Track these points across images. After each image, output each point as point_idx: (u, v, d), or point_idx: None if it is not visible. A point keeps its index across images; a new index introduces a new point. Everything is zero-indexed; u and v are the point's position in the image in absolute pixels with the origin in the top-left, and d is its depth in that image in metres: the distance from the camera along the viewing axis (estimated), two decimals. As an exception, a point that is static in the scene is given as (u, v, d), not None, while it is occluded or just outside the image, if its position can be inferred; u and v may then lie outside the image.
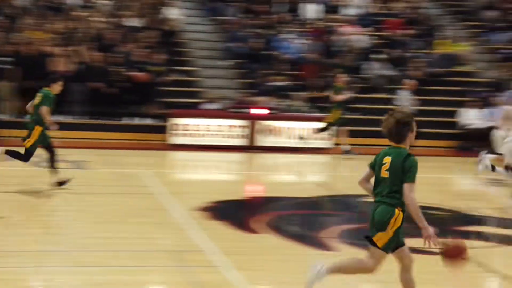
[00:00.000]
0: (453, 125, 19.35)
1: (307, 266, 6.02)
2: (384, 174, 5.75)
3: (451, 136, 19.29)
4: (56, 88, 11.18)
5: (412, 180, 5.58)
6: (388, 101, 19.03)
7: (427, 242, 5.55)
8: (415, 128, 5.77)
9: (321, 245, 8.68)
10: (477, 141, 18.18)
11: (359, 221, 10.24)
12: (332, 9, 22.64)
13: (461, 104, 19.51)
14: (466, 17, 24.06)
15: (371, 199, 5.87)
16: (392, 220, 5.65)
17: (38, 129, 10.89)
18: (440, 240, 5.59)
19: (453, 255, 5.70)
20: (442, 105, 20.05)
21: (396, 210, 5.64)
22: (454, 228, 10.14)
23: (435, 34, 22.37)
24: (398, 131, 5.74)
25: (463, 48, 22.01)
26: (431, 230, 5.53)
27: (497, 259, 8.63)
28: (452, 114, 19.43)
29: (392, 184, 5.68)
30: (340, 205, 11.96)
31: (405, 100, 18.11)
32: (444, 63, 21.13)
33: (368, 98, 19.80)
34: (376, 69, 20.40)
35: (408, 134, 5.74)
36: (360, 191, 6.03)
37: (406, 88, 18.40)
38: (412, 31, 22.04)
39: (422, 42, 21.89)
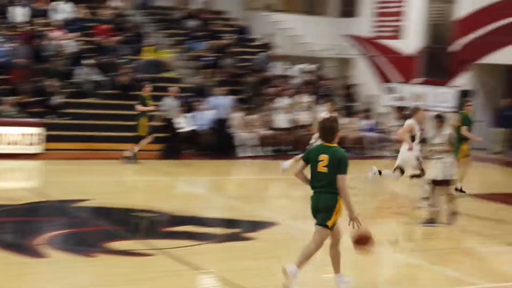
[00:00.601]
0: (161, 128, 19.80)
1: (18, 274, 6.36)
2: (322, 169, 7.40)
3: (160, 139, 19.76)
4: None
5: (345, 172, 7.32)
6: (97, 106, 19.65)
7: (351, 223, 7.25)
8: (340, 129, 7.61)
9: (31, 252, 8.85)
10: (184, 144, 19.40)
11: (69, 226, 10.75)
12: (40, 13, 22.60)
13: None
14: (170, 26, 25.39)
15: (83, 204, 6.52)
16: (338, 204, 7.37)
17: None
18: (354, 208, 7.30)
19: (362, 243, 7.41)
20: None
21: (338, 197, 7.35)
22: (163, 229, 11.02)
23: (142, 41, 23.39)
24: (331, 132, 7.46)
25: (168, 55, 23.29)
26: (356, 213, 7.23)
27: (203, 257, 9.30)
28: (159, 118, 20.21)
29: (330, 177, 7.35)
30: (51, 210, 12.00)
31: (170, 106, 19.02)
32: (150, 69, 22.13)
33: (78, 103, 20.16)
34: (85, 74, 20.80)
35: (337, 134, 7.49)
36: (72, 196, 6.65)
37: (170, 95, 19.17)
38: (120, 38, 22.80)
39: (130, 49, 22.74)
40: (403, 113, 24.53)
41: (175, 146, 19.34)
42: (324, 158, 7.39)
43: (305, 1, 29.79)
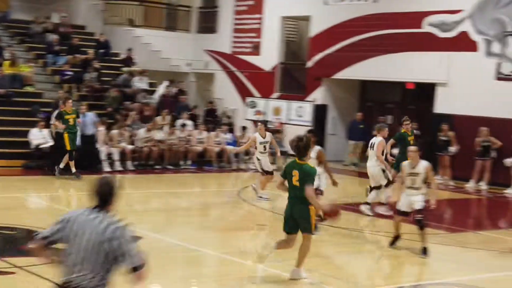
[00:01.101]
0: (22, 144, 19.61)
1: None
2: (296, 183, 8.95)
3: (21, 155, 19.54)
4: None
5: (312, 183, 8.88)
6: None
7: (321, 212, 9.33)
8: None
9: None
10: (45, 160, 19.19)
11: None
12: None
13: (30, 124, 20.01)
14: (29, 40, 25.08)
15: None
16: (312, 213, 9.03)
17: None
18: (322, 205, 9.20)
19: (331, 215, 9.28)
20: (11, 125, 20.40)
21: (310, 207, 8.95)
22: (23, 246, 10.99)
23: (1, 55, 22.95)
24: (304, 150, 9.00)
25: (27, 69, 22.96)
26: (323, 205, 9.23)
27: None
28: (21, 133, 19.81)
29: (301, 190, 8.87)
30: None
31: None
32: (10, 84, 21.75)
33: None
34: None
35: (308, 152, 9.26)
36: None
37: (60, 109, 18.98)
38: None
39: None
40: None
41: (35, 161, 19.17)
42: (295, 173, 8.95)
43: (166, 16, 30.18)
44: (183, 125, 22.23)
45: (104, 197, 5.09)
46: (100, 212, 5.06)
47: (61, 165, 17.82)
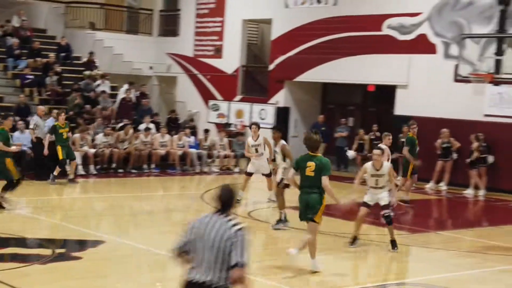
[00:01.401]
0: None
1: None
2: (310, 173, 9.82)
3: None
4: None
5: (328, 173, 9.78)
6: None
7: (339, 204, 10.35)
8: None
9: None
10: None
11: None
12: None
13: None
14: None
15: None
16: (323, 202, 9.83)
17: None
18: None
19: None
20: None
21: (323, 195, 9.80)
22: None
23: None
24: (316, 144, 9.96)
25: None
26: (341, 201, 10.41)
27: (29, 279, 9.36)
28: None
29: (316, 180, 9.76)
30: None
31: (40, 124, 19.46)
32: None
33: None
34: None
35: (320, 146, 10.18)
36: None
37: (38, 114, 19.62)
38: None
39: None
40: (227, 130, 25.48)
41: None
42: (311, 164, 9.83)
43: (127, 20, 30.11)
44: (147, 129, 22.17)
45: (226, 202, 5.65)
46: (222, 215, 5.63)
47: (55, 173, 18.04)
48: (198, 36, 28.49)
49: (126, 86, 24.76)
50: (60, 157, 17.87)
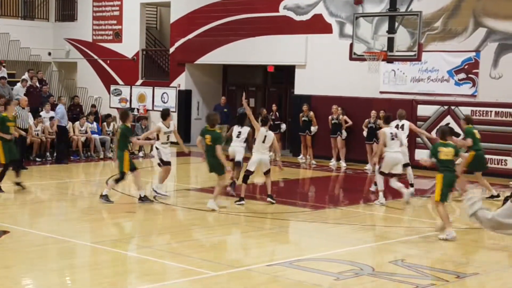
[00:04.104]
0: None
1: None
2: (208, 143, 13.33)
3: None
4: None
5: (220, 143, 13.43)
6: None
7: None
8: None
9: None
10: None
11: None
12: None
13: None
14: None
15: None
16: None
17: None
18: None
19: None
20: None
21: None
22: None
23: None
24: (213, 122, 13.70)
25: None
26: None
27: None
28: None
29: (212, 148, 13.45)
30: None
31: (24, 116, 19.41)
32: None
33: None
34: None
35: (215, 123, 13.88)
36: None
37: (21, 106, 19.38)
38: None
39: None
40: (132, 114, 25.39)
41: None
42: (208, 137, 13.45)
43: (23, 5, 29.46)
44: (51, 118, 21.80)
45: None
46: None
47: None
48: (96, 20, 28.21)
49: (26, 74, 24.25)
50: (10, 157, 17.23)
